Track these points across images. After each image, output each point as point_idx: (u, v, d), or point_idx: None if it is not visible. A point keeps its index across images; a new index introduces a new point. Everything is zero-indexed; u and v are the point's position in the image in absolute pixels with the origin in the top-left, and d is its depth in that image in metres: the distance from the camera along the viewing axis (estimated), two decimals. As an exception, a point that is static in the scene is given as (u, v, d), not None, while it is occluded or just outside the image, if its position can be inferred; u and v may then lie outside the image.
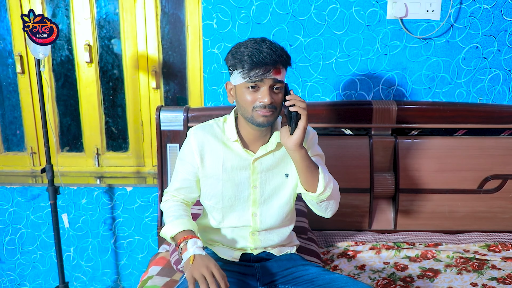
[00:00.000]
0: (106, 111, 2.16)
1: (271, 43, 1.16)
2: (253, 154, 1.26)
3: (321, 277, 1.20)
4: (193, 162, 1.27)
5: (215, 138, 1.27)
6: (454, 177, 1.84)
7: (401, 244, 1.71)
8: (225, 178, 1.26)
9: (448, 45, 1.86)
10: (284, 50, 1.17)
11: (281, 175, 1.28)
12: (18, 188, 2.05)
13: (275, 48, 1.14)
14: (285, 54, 1.17)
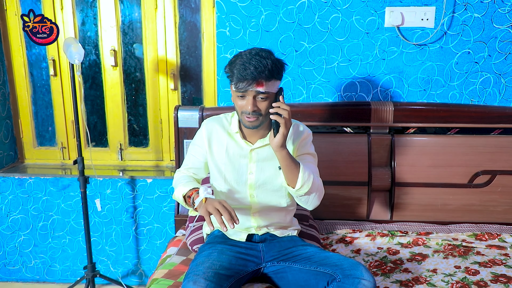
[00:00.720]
0: (129, 110, 2.38)
1: (260, 60, 1.32)
2: (251, 145, 1.47)
3: (317, 255, 1.38)
4: (202, 146, 1.50)
5: (222, 129, 1.50)
6: (446, 172, 2.00)
7: (395, 232, 1.87)
8: (227, 163, 1.48)
9: (441, 50, 2.02)
10: (269, 66, 1.32)
11: (274, 167, 1.47)
12: (50, 178, 2.27)
13: (260, 65, 1.31)
14: (269, 70, 1.32)
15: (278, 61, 1.38)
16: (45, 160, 2.44)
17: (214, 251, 1.40)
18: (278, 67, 1.37)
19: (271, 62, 1.34)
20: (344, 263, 1.32)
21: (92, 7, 2.25)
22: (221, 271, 1.30)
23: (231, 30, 2.05)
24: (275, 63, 1.35)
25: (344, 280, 1.24)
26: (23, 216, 2.33)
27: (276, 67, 1.35)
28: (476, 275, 1.54)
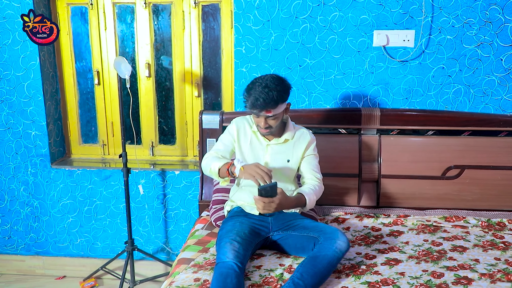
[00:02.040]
0: (159, 113, 2.82)
1: (268, 92, 1.75)
2: (268, 141, 1.93)
3: (310, 224, 1.82)
4: (233, 134, 1.97)
5: (248, 125, 1.99)
6: (424, 166, 2.39)
7: (379, 215, 2.29)
8: (249, 151, 1.95)
9: (420, 66, 2.43)
10: (275, 98, 1.75)
11: (284, 160, 1.94)
12: (95, 170, 2.73)
13: (268, 97, 1.74)
14: (275, 100, 1.75)
15: (283, 89, 1.80)
16: (88, 155, 2.90)
17: (236, 221, 1.84)
18: (283, 95, 1.79)
19: (276, 94, 1.75)
20: (327, 229, 1.74)
21: (130, 27, 2.70)
22: (244, 237, 1.74)
23: (246, 48, 2.48)
24: (280, 93, 1.77)
25: (324, 242, 1.67)
26: (71, 201, 2.79)
27: (281, 95, 1.78)
28: (439, 246, 1.95)
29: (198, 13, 2.62)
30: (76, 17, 2.71)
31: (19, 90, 2.64)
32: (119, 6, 2.67)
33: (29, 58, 2.59)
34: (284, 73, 2.49)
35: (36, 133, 2.69)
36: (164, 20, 2.68)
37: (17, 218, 2.83)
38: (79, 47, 2.76)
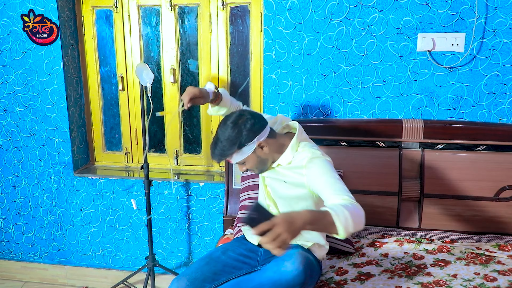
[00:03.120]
0: (184, 121, 2.69)
1: (214, 145, 1.57)
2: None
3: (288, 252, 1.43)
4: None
5: None
6: (473, 186, 2.15)
7: (421, 239, 2.06)
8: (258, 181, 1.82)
9: (471, 73, 2.17)
10: (222, 150, 1.54)
11: (281, 181, 1.67)
12: (118, 180, 2.63)
13: (214, 151, 1.57)
14: (222, 154, 1.55)
15: (234, 138, 1.52)
16: (112, 163, 2.81)
17: (220, 250, 1.69)
18: (231, 146, 1.53)
19: (223, 147, 1.54)
20: (287, 255, 1.41)
21: (155, 31, 2.58)
22: (208, 274, 1.59)
23: (277, 53, 2.31)
24: (229, 144, 1.53)
25: (273, 262, 1.45)
26: (93, 211, 2.71)
27: (229, 146, 1.53)
28: (494, 282, 1.70)
29: (225, 15, 2.46)
30: (101, 20, 2.62)
31: (43, 96, 2.58)
32: (144, 8, 2.56)
33: (53, 63, 2.52)
34: (317, 80, 2.29)
35: (60, 140, 2.62)
36: (190, 23, 2.55)
37: (41, 226, 2.79)
38: (103, 52, 2.67)
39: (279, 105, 2.36)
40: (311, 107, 2.33)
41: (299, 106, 2.35)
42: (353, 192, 2.17)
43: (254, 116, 1.56)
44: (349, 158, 2.23)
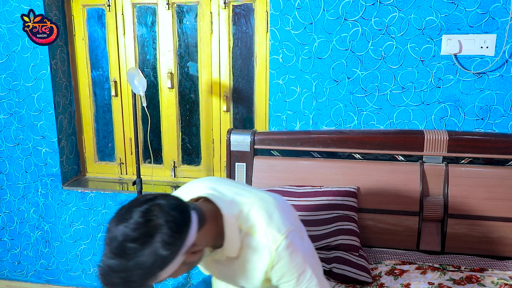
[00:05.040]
0: (183, 129, 2.48)
1: (107, 271, 0.91)
2: (208, 253, 1.14)
3: None
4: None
5: None
6: (504, 205, 1.92)
7: (446, 267, 1.83)
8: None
9: (502, 79, 1.94)
10: (118, 283, 0.91)
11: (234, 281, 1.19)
12: (110, 193, 2.42)
13: (106, 279, 0.92)
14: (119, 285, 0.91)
15: (136, 270, 0.90)
16: (105, 174, 2.60)
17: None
18: (138, 280, 0.91)
19: (119, 280, 0.90)
20: None
21: (151, 31, 2.37)
22: None
23: (284, 56, 2.09)
24: (129, 281, 0.91)
25: None
26: (84, 226, 2.50)
27: (131, 285, 0.91)
28: (535, 321, 1.48)
29: (228, 14, 2.24)
30: (92, 20, 2.41)
31: (29, 102, 2.37)
32: (139, 7, 2.35)
33: (40, 66, 2.31)
34: (329, 87, 2.07)
35: (47, 150, 2.41)
36: (189, 23, 2.33)
37: (27, 242, 2.57)
38: (95, 54, 2.45)
39: (286, 114, 2.14)
40: (321, 116, 2.11)
41: (308, 115, 2.12)
42: (369, 211, 2.01)
43: (169, 216, 0.92)
44: (364, 174, 2.02)
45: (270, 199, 1.10)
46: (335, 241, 1.82)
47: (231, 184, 1.15)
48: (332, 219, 1.88)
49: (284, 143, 2.07)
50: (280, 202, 1.11)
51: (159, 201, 0.94)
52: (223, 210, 1.04)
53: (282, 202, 1.13)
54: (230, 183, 1.16)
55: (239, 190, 1.12)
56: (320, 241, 1.83)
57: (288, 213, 1.11)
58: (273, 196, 1.12)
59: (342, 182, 2.02)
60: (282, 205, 1.11)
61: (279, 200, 1.12)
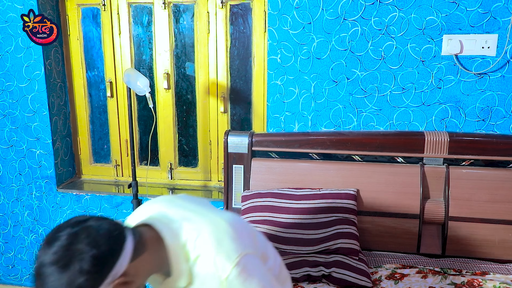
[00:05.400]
0: (180, 131, 2.44)
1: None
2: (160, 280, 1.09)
3: None
4: None
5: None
6: (506, 208, 1.89)
7: (447, 270, 1.80)
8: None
9: (503, 80, 1.92)
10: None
11: None
12: (105, 196, 2.38)
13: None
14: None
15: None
16: (100, 176, 2.56)
17: None
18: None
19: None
20: None
21: (147, 31, 2.33)
22: None
23: (282, 56, 2.05)
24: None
25: None
26: (79, 229, 2.46)
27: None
28: (538, 327, 1.45)
29: (225, 14, 2.21)
30: (87, 19, 2.37)
31: (23, 103, 2.33)
32: (135, 6, 2.31)
33: (34, 67, 2.27)
34: (328, 88, 2.04)
35: (41, 152, 2.37)
36: (186, 22, 2.29)
37: (21, 245, 2.53)
38: (90, 54, 2.41)
39: (285, 115, 2.11)
40: (320, 117, 2.08)
41: (307, 116, 2.09)
42: (368, 213, 1.98)
43: (94, 242, 0.85)
44: (364, 176, 1.98)
45: (221, 222, 1.01)
46: (334, 244, 1.79)
47: (184, 206, 1.07)
48: (331, 222, 1.85)
49: (283, 144, 2.04)
50: (234, 224, 1.03)
51: (90, 223, 0.87)
52: (167, 239, 0.97)
53: (237, 224, 1.04)
54: (183, 204, 1.08)
55: (189, 214, 1.04)
56: (319, 245, 1.79)
57: (244, 236, 1.03)
58: (226, 218, 1.03)
59: (341, 185, 1.99)
60: (236, 228, 1.02)
61: (233, 222, 1.04)
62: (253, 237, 1.08)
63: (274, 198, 1.93)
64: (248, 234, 1.06)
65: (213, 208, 1.11)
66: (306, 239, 1.81)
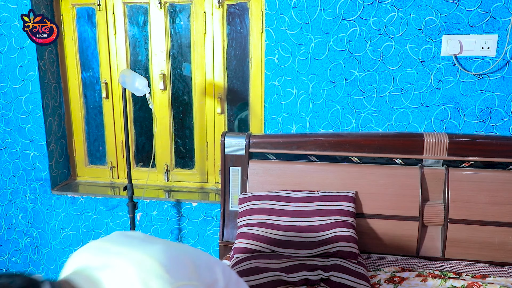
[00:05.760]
0: (176, 132, 2.41)
1: None
2: None
3: None
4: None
5: None
6: (506, 210, 1.87)
7: (447, 274, 1.78)
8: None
9: (503, 80, 1.90)
10: None
11: None
12: (101, 198, 2.35)
13: None
14: None
15: None
16: (96, 178, 2.53)
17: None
18: None
19: None
20: None
21: (143, 31, 2.30)
22: None
23: (280, 57, 2.03)
24: None
25: None
26: (74, 232, 2.42)
27: None
28: (540, 331, 1.43)
29: (222, 14, 2.18)
30: (82, 19, 2.34)
31: (17, 104, 2.29)
32: (130, 6, 2.28)
33: (27, 68, 2.23)
34: (326, 88, 2.01)
35: (35, 154, 2.34)
36: (182, 22, 2.26)
37: (15, 248, 2.50)
38: (85, 55, 2.38)
39: (282, 116, 2.08)
40: (318, 118, 2.05)
41: (305, 117, 2.07)
42: (367, 216, 1.96)
43: None
44: (362, 177, 1.96)
45: (147, 261, 0.91)
46: (332, 248, 1.76)
47: (109, 250, 0.97)
48: (330, 225, 1.82)
49: (280, 146, 2.01)
50: (164, 258, 0.92)
51: (2, 281, 0.79)
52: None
53: (168, 257, 0.93)
54: (109, 249, 0.97)
55: (113, 259, 0.94)
56: (317, 248, 1.77)
57: (178, 268, 0.94)
58: (155, 254, 0.92)
59: (340, 187, 1.96)
60: (165, 262, 0.92)
61: (163, 255, 0.93)
62: (191, 266, 0.98)
63: (271, 201, 1.90)
64: (183, 265, 0.96)
65: (145, 242, 0.99)
66: (304, 242, 1.79)
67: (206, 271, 1.03)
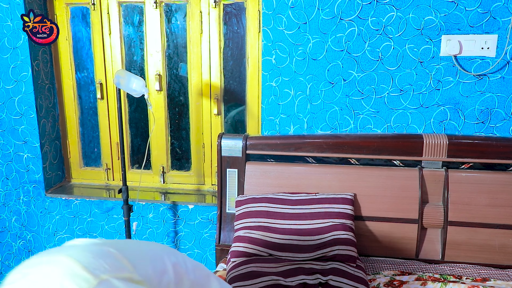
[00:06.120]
0: (172, 133, 2.38)
1: None
2: None
3: None
4: None
5: None
6: (506, 212, 1.85)
7: (447, 277, 1.75)
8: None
9: (503, 81, 1.87)
10: None
11: None
12: (95, 201, 2.31)
13: None
14: None
15: None
16: (91, 180, 2.49)
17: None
18: None
19: None
20: None
21: (138, 31, 2.27)
22: None
23: (277, 57, 2.00)
24: None
25: None
26: (68, 235, 2.39)
27: None
28: (542, 336, 1.41)
29: (218, 13, 2.15)
30: (76, 19, 2.30)
31: (9, 105, 2.25)
32: (125, 6, 2.24)
33: (20, 68, 2.19)
34: (324, 89, 1.98)
35: (29, 156, 2.30)
36: (178, 22, 2.23)
37: (9, 252, 2.46)
38: (80, 55, 2.35)
39: (280, 118, 2.05)
40: (316, 120, 2.02)
41: (302, 118, 2.04)
42: (366, 218, 1.93)
43: None
44: (361, 179, 1.93)
45: (65, 261, 0.74)
46: (331, 251, 1.73)
47: (29, 261, 0.85)
48: (328, 228, 1.79)
49: (278, 148, 1.98)
50: (82, 256, 0.77)
51: None
52: None
53: (89, 253, 0.79)
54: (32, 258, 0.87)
55: (29, 268, 0.81)
56: (316, 251, 1.74)
57: (100, 264, 0.78)
58: (74, 253, 0.76)
59: (338, 189, 1.94)
60: (83, 260, 0.69)
61: (83, 253, 0.78)
62: (120, 258, 0.84)
63: (269, 203, 1.87)
64: (109, 258, 0.81)
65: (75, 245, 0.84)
66: (302, 245, 1.76)
67: (148, 262, 0.92)
